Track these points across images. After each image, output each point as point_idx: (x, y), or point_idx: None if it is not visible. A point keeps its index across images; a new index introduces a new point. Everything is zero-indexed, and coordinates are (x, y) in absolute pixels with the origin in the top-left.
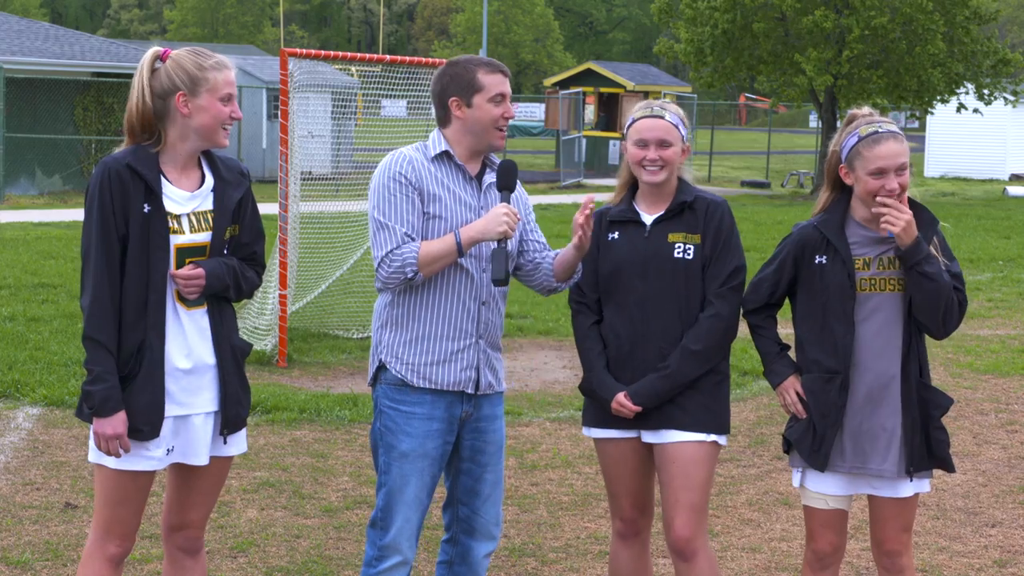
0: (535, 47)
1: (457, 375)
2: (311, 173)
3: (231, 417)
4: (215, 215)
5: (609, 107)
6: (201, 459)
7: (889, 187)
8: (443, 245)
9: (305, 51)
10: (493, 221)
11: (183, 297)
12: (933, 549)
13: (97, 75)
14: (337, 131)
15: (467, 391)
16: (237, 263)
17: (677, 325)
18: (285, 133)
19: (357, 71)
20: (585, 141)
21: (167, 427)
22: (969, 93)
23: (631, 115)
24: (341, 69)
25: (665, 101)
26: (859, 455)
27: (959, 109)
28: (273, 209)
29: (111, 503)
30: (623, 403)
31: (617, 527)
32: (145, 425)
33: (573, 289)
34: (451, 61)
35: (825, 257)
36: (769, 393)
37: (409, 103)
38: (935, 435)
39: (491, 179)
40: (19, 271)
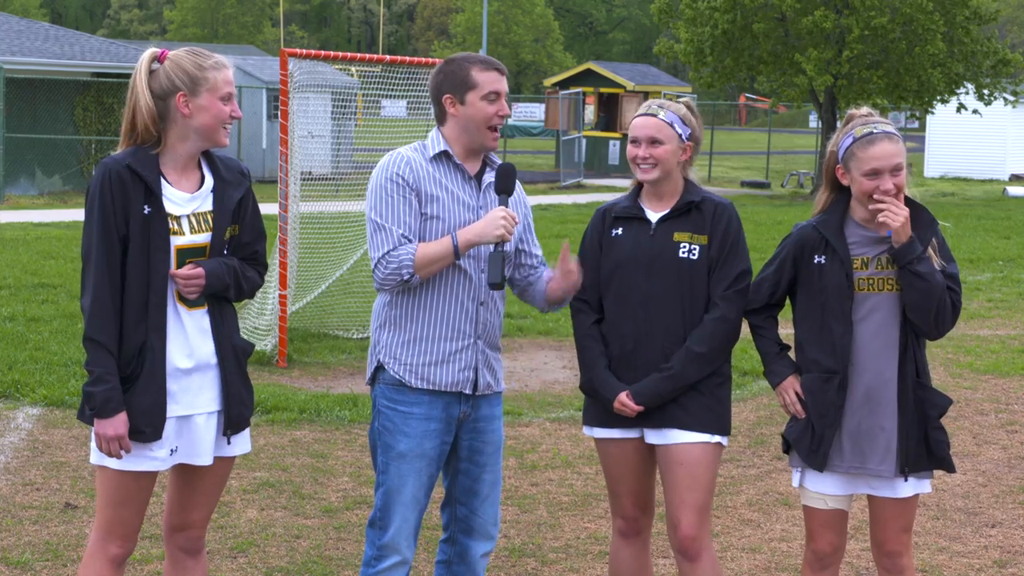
0: (535, 47)
1: (455, 376)
2: (311, 173)
3: (234, 417)
4: (215, 216)
5: (609, 107)
6: (205, 459)
7: (884, 188)
8: (440, 248)
9: (305, 51)
10: (490, 225)
11: (183, 297)
12: (933, 549)
13: (97, 75)
14: (337, 131)
15: (465, 392)
16: (237, 263)
17: (680, 325)
18: (285, 133)
19: (357, 71)
20: (585, 141)
21: (170, 428)
22: (969, 93)
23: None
24: (341, 69)
25: (667, 100)
26: (857, 455)
27: (959, 109)
28: (273, 209)
29: (113, 504)
30: (625, 403)
31: (619, 526)
32: (147, 427)
33: None
34: (448, 59)
35: (824, 257)
36: (769, 393)
37: (409, 103)
38: (934, 435)
39: (491, 178)
40: (19, 271)
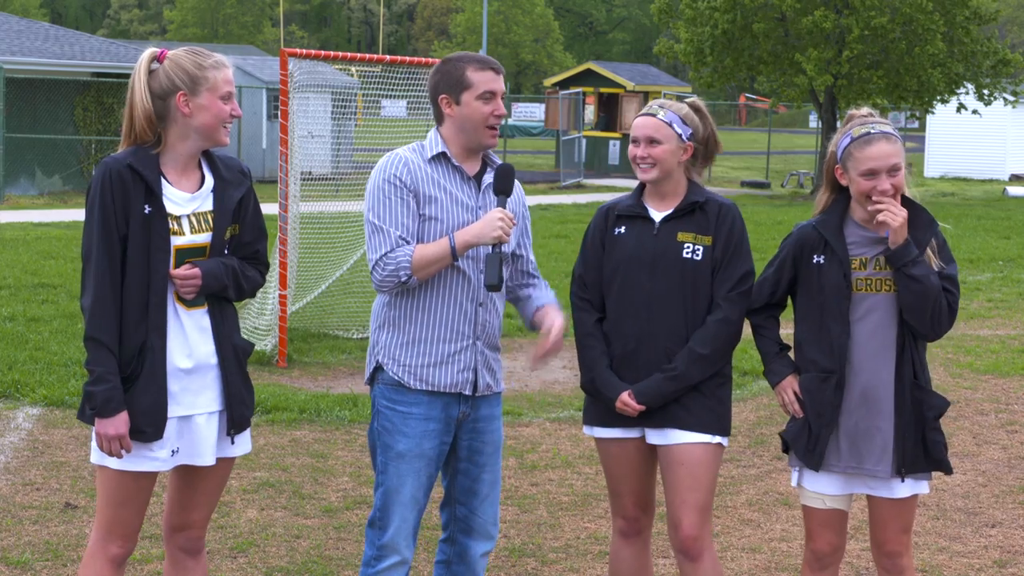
0: (535, 47)
1: (454, 377)
2: (311, 173)
3: (236, 417)
4: (215, 215)
5: (609, 107)
6: (207, 460)
7: (881, 188)
8: (437, 249)
9: (305, 51)
10: (488, 226)
11: (182, 297)
12: (933, 549)
13: (97, 75)
14: (337, 131)
15: (465, 393)
16: (237, 263)
17: (682, 325)
18: (285, 133)
19: (357, 71)
20: (585, 141)
21: (171, 428)
22: (969, 93)
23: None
24: (341, 69)
25: (670, 100)
26: (855, 455)
27: (959, 109)
28: (273, 209)
29: (113, 504)
30: (627, 402)
31: (619, 525)
32: (148, 427)
33: (575, 285)
34: (444, 59)
35: (823, 257)
36: (769, 393)
37: (409, 103)
38: (931, 437)
39: (491, 178)
40: (19, 271)
